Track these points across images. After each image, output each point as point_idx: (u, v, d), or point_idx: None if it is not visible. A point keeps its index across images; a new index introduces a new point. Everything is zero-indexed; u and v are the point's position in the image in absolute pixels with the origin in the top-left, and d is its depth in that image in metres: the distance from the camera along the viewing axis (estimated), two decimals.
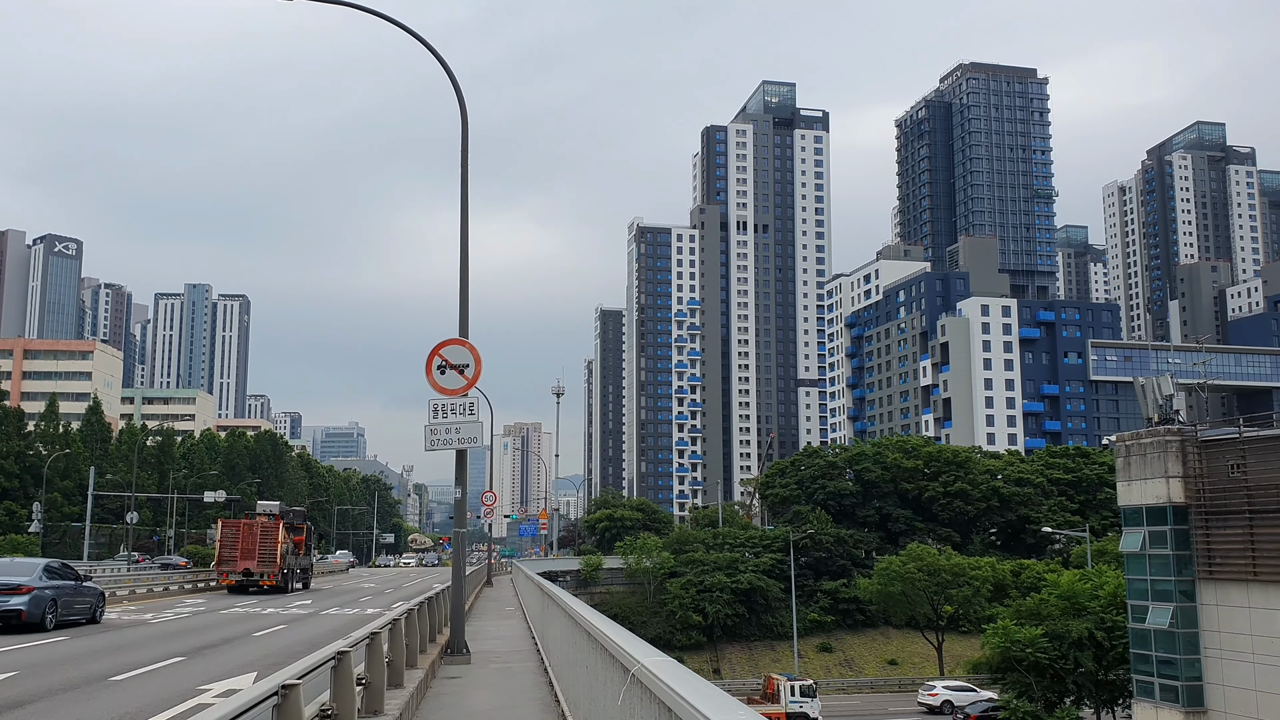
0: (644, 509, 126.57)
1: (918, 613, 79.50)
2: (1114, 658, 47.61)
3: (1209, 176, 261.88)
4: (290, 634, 22.46)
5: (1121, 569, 60.41)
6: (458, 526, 16.64)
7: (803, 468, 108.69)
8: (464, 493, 16.47)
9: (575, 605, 11.12)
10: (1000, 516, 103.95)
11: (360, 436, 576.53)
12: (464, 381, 16.39)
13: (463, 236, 16.59)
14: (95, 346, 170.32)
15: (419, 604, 14.89)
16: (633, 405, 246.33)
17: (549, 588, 16.41)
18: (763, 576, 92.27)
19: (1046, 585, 53.32)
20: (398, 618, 10.93)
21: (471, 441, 16.39)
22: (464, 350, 16.52)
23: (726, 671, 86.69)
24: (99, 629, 23.57)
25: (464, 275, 16.90)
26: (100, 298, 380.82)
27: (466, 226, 16.63)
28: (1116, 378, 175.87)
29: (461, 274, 16.80)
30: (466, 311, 17.26)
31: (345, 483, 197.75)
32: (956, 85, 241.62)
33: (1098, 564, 62.72)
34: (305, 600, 37.47)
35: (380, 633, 9.35)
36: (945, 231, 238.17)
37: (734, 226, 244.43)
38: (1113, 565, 61.93)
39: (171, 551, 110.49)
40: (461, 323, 17.19)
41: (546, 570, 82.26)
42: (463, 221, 16.59)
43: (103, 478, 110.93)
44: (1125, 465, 40.72)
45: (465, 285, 16.97)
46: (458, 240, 16.74)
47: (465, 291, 17.05)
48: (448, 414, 16.42)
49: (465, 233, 16.66)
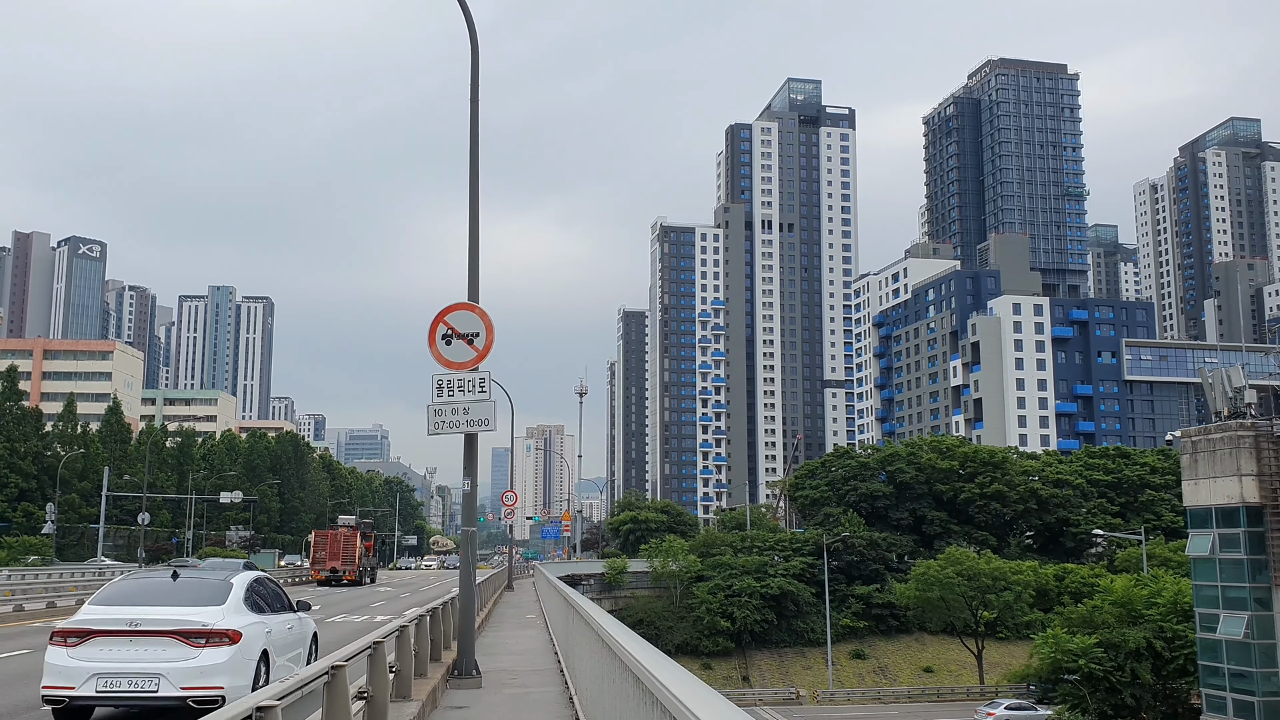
0: (669, 511, 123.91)
1: (956, 619, 76.40)
2: (1175, 669, 44.66)
3: (1243, 173, 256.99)
4: None
5: (1180, 574, 57.44)
6: (466, 525, 13.96)
7: (834, 469, 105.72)
8: (474, 485, 13.82)
9: (606, 623, 8.62)
10: (1038, 519, 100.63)
11: (384, 439, 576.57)
12: (473, 353, 13.66)
13: (472, 183, 13.92)
14: (115, 347, 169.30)
15: (417, 618, 12.40)
16: (656, 407, 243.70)
17: (573, 598, 13.80)
18: (793, 581, 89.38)
19: (1099, 591, 50.26)
20: (378, 641, 8.48)
21: (482, 424, 13.62)
22: (473, 316, 13.84)
23: (756, 679, 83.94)
24: None
25: (473, 229, 14.21)
26: (124, 300, 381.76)
27: (476, 170, 13.93)
28: (1152, 378, 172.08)
29: (471, 228, 14.15)
30: (477, 272, 14.47)
31: (368, 484, 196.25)
32: (985, 82, 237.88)
33: (1152, 569, 59.54)
34: (316, 606, 35.10)
35: (343, 669, 6.77)
36: (974, 230, 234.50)
37: (759, 226, 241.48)
38: (1168, 569, 58.87)
39: (189, 554, 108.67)
40: (471, 284, 14.39)
41: (569, 574, 79.64)
42: (472, 164, 13.96)
43: (121, 479, 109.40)
44: (1192, 463, 37.79)
45: (475, 241, 14.13)
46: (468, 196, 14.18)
47: (475, 248, 14.27)
48: (454, 391, 13.67)
49: (475, 176, 13.95)
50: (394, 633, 10.16)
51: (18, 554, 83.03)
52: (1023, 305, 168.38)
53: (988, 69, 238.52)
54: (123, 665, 10.43)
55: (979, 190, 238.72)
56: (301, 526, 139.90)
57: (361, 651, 8.38)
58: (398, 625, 10.32)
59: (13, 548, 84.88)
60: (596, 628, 8.84)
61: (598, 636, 8.85)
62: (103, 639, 10.57)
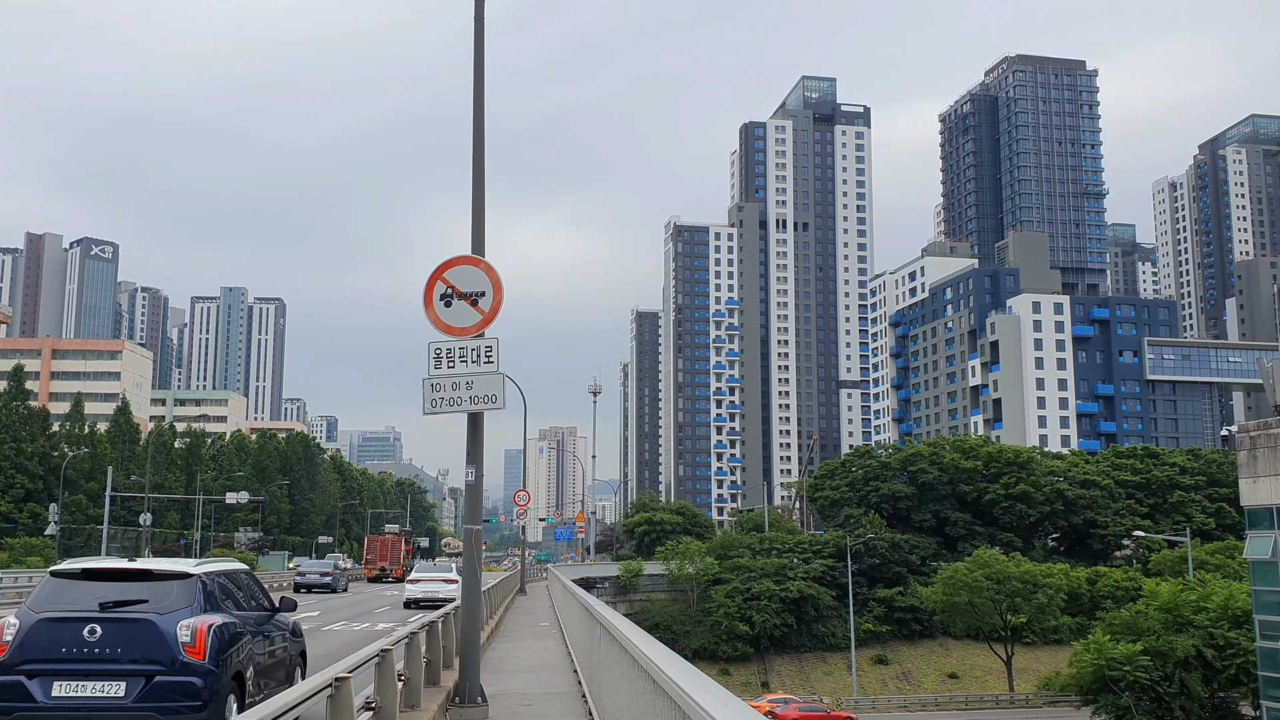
0: (684, 512, 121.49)
1: (984, 624, 73.83)
2: (1227, 679, 42.16)
3: (1264, 171, 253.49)
4: None
5: (1224, 576, 54.96)
6: (470, 522, 11.33)
7: (854, 469, 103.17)
8: (479, 474, 11.29)
9: (647, 647, 6.44)
10: (1064, 520, 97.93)
11: (396, 441, 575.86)
12: (478, 317, 11.39)
13: (477, 109, 11.59)
14: (124, 346, 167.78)
15: (408, 635, 10.18)
16: (670, 408, 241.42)
17: (596, 609, 11.52)
18: (813, 584, 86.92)
19: (1142, 596, 47.77)
20: (341, 678, 6.31)
21: (490, 401, 11.28)
22: (477, 272, 11.53)
23: (775, 685, 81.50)
24: None
25: (478, 166, 11.84)
26: (137, 301, 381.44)
27: (481, 96, 11.56)
28: (1174, 377, 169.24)
29: (475, 164, 11.79)
30: (482, 218, 11.94)
31: (379, 486, 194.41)
32: (1002, 78, 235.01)
33: (1198, 573, 56.94)
34: (310, 614, 32.95)
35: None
36: (991, 229, 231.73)
37: (773, 225, 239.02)
38: (1207, 572, 56.28)
39: (198, 555, 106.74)
40: (475, 233, 11.91)
41: (583, 576, 77.41)
42: (477, 89, 11.64)
43: (128, 479, 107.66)
44: (1250, 460, 35.37)
45: (480, 181, 11.86)
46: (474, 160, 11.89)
47: (480, 188, 11.84)
48: (455, 362, 11.35)
49: (481, 83, 11.57)
50: (372, 659, 7.96)
51: (19, 556, 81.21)
52: (1043, 304, 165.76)
53: (1005, 66, 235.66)
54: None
55: (996, 189, 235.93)
56: (311, 528, 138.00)
57: (320, 690, 6.20)
58: (377, 649, 8.12)
59: (14, 549, 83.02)
60: (637, 654, 6.61)
61: (635, 663, 6.65)
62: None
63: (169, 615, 9.29)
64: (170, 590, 9.62)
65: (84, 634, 9.12)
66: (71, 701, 8.92)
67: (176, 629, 9.18)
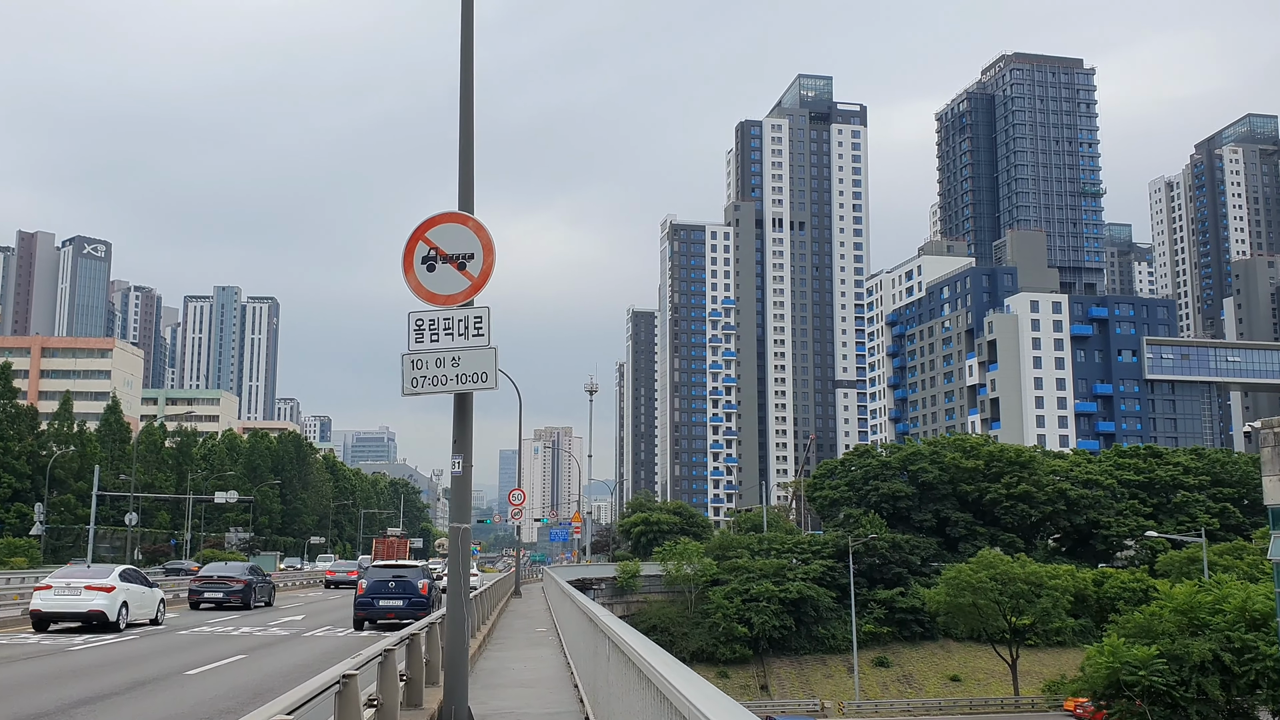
0: (681, 512, 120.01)
1: (988, 625, 72.39)
2: (1245, 684, 40.76)
3: (1261, 170, 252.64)
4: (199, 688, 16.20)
5: (1237, 577, 53.58)
6: (455, 519, 9.82)
7: (853, 468, 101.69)
8: (467, 464, 9.86)
9: (675, 676, 5.05)
10: (1066, 520, 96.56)
11: (390, 441, 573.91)
12: (466, 283, 9.83)
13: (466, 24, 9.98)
14: (115, 344, 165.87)
15: (383, 652, 8.73)
16: (666, 408, 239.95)
17: (604, 621, 10.00)
18: (813, 585, 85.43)
19: (1157, 598, 46.35)
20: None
21: (480, 380, 9.76)
22: (465, 231, 9.93)
23: (775, 688, 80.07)
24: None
25: (467, 95, 10.27)
26: (130, 300, 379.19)
27: (471, 10, 10.03)
28: (1173, 377, 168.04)
29: (464, 91, 10.23)
30: (471, 166, 10.25)
31: (373, 486, 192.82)
32: (999, 77, 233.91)
33: (1214, 574, 55.49)
34: (293, 618, 31.46)
35: None
36: (988, 228, 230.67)
37: (769, 224, 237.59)
38: (1218, 573, 54.88)
39: (188, 555, 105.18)
40: (463, 187, 10.25)
41: (579, 578, 75.96)
42: (466, 19, 10.09)
43: (118, 478, 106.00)
44: (1273, 457, 33.97)
45: (469, 116, 10.13)
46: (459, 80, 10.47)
47: (469, 127, 10.20)
48: (439, 335, 9.86)
49: (470, 16, 10.04)
50: (332, 685, 6.50)
51: (3, 557, 79.65)
52: (1041, 303, 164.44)
53: (1002, 64, 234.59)
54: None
55: (993, 187, 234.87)
56: (304, 528, 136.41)
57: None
58: (338, 674, 6.67)
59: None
60: (661, 684, 5.18)
61: (662, 696, 5.24)
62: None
63: (414, 580, 27.81)
64: (415, 570, 28.99)
65: (389, 584, 27.51)
66: (385, 607, 26.64)
67: (418, 584, 27.67)
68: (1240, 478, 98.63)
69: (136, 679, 15.41)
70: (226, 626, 26.82)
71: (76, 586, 25.44)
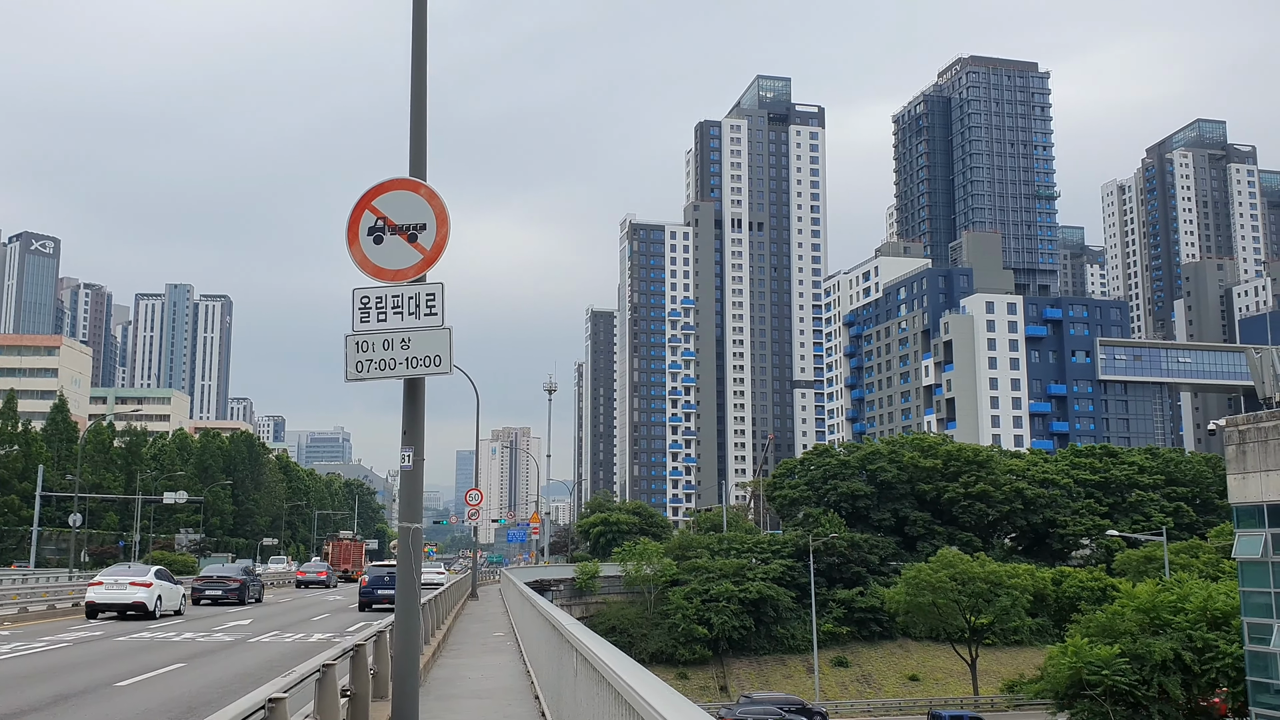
0: (640, 512, 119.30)
1: (948, 625, 72.33)
2: (1206, 683, 40.67)
3: (1210, 175, 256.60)
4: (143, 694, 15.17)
5: (1199, 576, 53.71)
6: (405, 519, 8.98)
7: (813, 467, 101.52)
8: (418, 458, 8.96)
9: (659, 702, 4.26)
10: (1023, 519, 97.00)
11: (346, 441, 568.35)
12: (418, 256, 8.90)
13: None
14: (62, 342, 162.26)
15: (321, 668, 7.83)
16: (625, 407, 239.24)
17: (569, 629, 9.12)
18: (772, 585, 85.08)
19: (1119, 596, 46.23)
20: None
21: (432, 363, 8.80)
22: (416, 199, 9.01)
23: (734, 689, 79.49)
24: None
25: (419, 50, 9.27)
26: (79, 298, 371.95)
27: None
28: (1126, 377, 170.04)
29: (415, 47, 9.24)
30: (424, 128, 9.32)
31: (327, 487, 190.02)
32: (956, 79, 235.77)
33: (1176, 573, 55.59)
34: (243, 621, 30.27)
35: None
36: (944, 230, 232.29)
37: (728, 224, 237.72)
38: (1182, 572, 54.98)
39: (136, 557, 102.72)
40: (414, 150, 9.31)
41: (537, 579, 74.82)
42: None
43: (64, 479, 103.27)
44: (1239, 455, 33.79)
45: (421, 72, 9.29)
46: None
47: (421, 82, 9.31)
48: (387, 314, 8.93)
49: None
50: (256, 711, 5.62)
51: None
52: (996, 303, 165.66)
53: (958, 66, 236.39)
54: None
55: (949, 189, 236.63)
56: (256, 530, 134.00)
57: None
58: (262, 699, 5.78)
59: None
60: (644, 709, 4.36)
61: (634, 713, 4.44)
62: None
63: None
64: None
65: (384, 578, 35.84)
66: (382, 595, 34.91)
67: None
68: (1193, 477, 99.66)
69: (61, 692, 14.32)
70: (166, 634, 25.60)
71: (123, 583, 31.88)
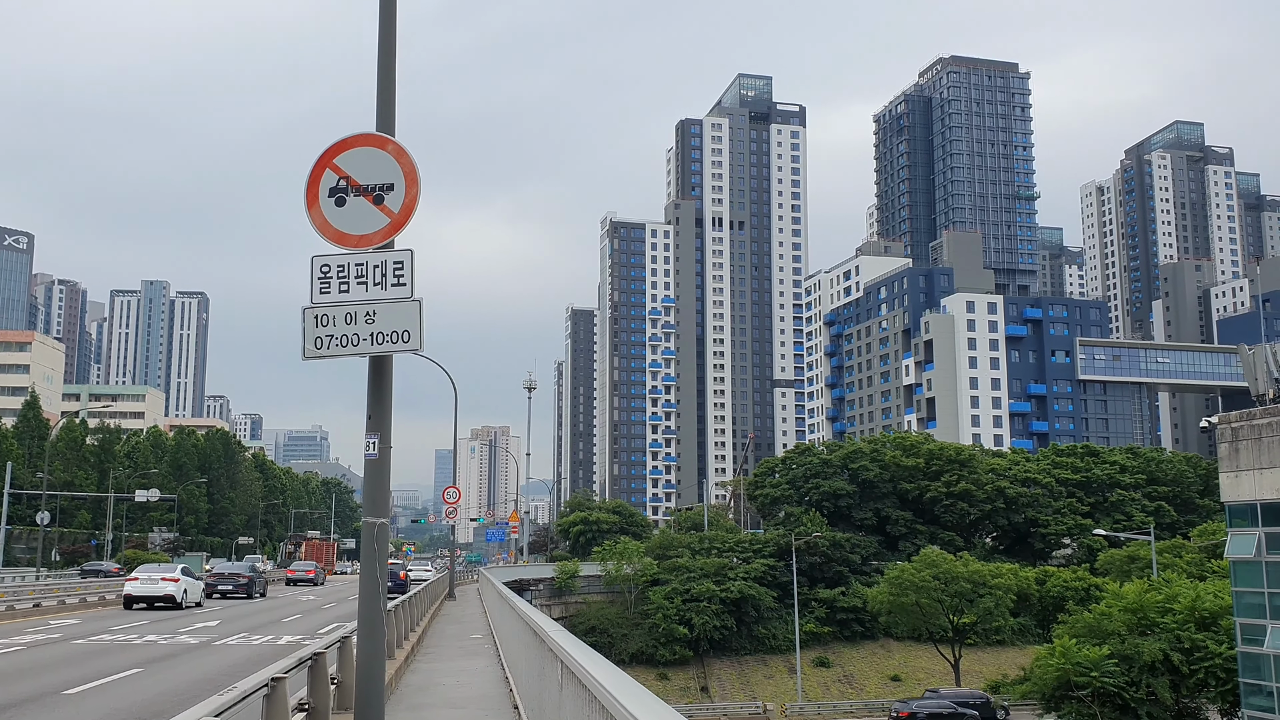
0: (620, 511, 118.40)
1: (930, 625, 71.80)
2: (1194, 684, 40.16)
3: (1188, 177, 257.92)
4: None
5: (1186, 575, 53.30)
6: (370, 513, 7.91)
7: (794, 466, 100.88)
8: (384, 445, 7.96)
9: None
10: (1005, 519, 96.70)
11: (324, 440, 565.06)
12: (384, 220, 7.97)
13: None
14: (34, 338, 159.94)
15: (268, 682, 6.94)
16: (605, 406, 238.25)
17: (552, 636, 8.22)
18: (754, 584, 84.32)
19: (1097, 596, 45.66)
20: None
21: (400, 340, 7.89)
22: (383, 157, 8.09)
23: (715, 690, 78.77)
24: None
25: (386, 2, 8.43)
26: (53, 294, 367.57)
27: None
28: (1105, 377, 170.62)
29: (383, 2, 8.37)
30: (392, 78, 8.42)
31: (304, 485, 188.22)
32: (936, 79, 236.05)
33: (1162, 573, 55.18)
34: (212, 622, 29.22)
35: None
36: (924, 229, 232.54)
37: (709, 223, 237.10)
38: (1169, 572, 54.55)
39: (109, 556, 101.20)
40: (381, 102, 8.39)
41: (516, 579, 73.89)
42: None
43: (35, 476, 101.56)
44: (1232, 452, 33.22)
45: (390, 21, 8.34)
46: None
47: (390, 32, 8.38)
48: (350, 284, 7.95)
49: None
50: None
51: None
52: (976, 303, 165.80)
53: (939, 67, 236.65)
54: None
55: (929, 189, 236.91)
56: (231, 528, 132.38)
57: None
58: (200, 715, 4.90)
59: None
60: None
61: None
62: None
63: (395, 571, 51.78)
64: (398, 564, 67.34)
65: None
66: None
67: (398, 573, 54.15)
68: (1174, 477, 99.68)
69: (3, 700, 13.31)
70: (132, 636, 24.57)
71: (155, 579, 37.92)
